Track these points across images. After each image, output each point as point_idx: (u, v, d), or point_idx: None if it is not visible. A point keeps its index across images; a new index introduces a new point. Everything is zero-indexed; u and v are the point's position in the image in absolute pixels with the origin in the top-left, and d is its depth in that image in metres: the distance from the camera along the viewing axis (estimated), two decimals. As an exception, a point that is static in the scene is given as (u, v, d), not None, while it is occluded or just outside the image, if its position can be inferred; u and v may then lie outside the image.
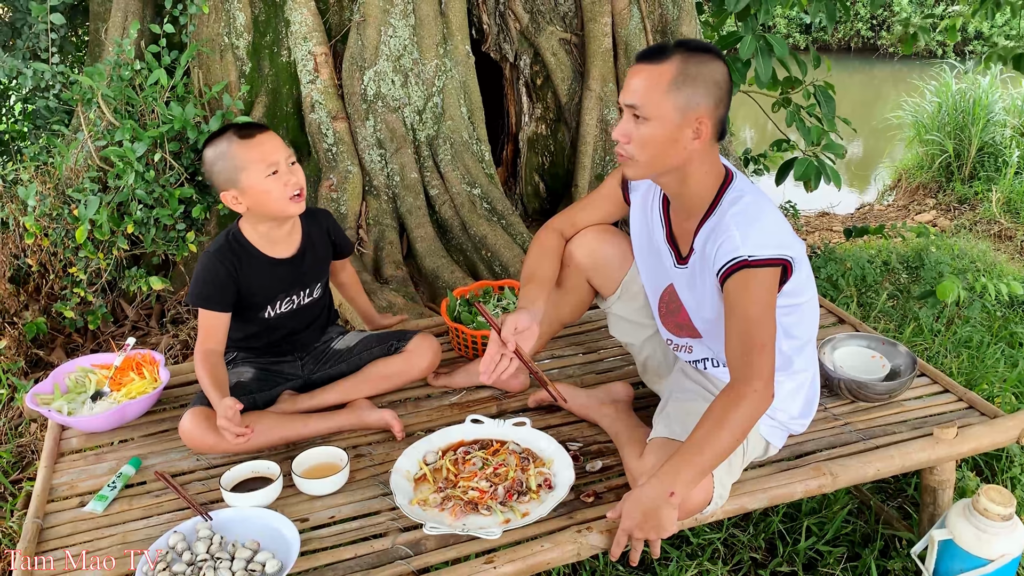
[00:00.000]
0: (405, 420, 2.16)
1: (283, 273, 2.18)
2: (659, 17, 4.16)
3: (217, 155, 2.02)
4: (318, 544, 1.75)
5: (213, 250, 2.11)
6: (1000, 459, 2.50)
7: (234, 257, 2.11)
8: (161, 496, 1.92)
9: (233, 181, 2.02)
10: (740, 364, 1.71)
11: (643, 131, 1.72)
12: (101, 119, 3.39)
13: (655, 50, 1.73)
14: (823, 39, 12.93)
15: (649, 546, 1.69)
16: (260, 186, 2.02)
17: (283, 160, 2.04)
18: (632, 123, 1.73)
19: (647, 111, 1.70)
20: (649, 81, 1.69)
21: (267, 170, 2.01)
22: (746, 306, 1.71)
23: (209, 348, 2.08)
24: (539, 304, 1.97)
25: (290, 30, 3.67)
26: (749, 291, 1.71)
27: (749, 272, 1.70)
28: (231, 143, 2.01)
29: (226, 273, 2.09)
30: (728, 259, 1.72)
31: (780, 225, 1.77)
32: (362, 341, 2.33)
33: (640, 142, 1.73)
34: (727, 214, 1.76)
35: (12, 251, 3.28)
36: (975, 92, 6.28)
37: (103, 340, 3.32)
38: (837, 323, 2.62)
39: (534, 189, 4.35)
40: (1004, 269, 4.23)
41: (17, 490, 2.60)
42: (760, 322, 1.71)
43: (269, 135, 2.05)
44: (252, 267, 2.13)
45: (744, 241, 1.71)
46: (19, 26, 3.93)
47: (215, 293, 2.08)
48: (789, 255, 1.73)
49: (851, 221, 5.85)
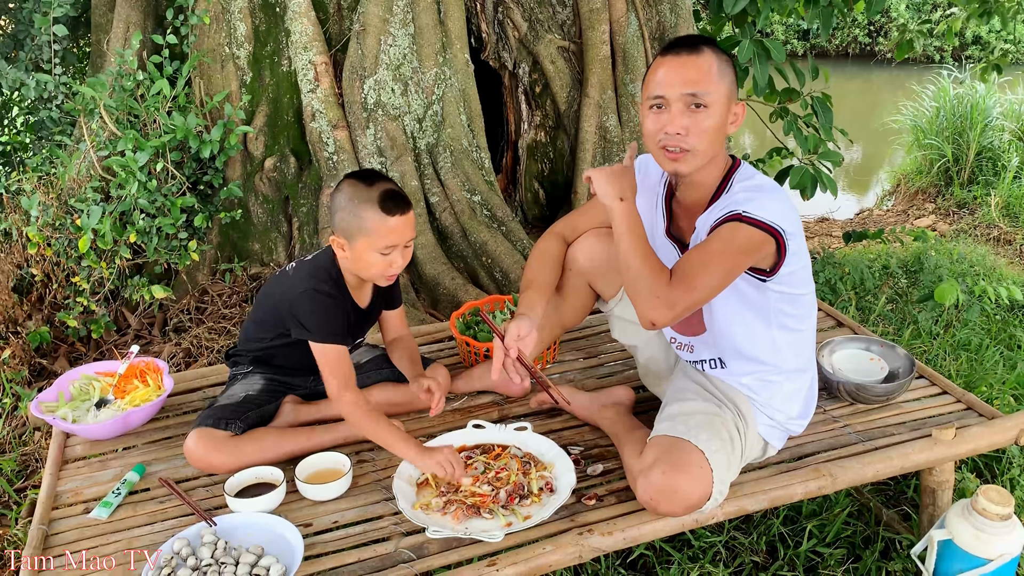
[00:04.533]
0: (408, 426, 2.17)
1: (357, 321, 2.21)
2: (657, 24, 4.19)
3: (350, 204, 1.97)
4: (322, 549, 1.76)
5: (327, 291, 2.06)
6: (1000, 461, 2.51)
7: (342, 299, 2.11)
8: (165, 502, 1.93)
9: (349, 236, 1.99)
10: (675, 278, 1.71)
11: (704, 120, 1.74)
12: (103, 129, 3.42)
13: (689, 41, 1.76)
14: (821, 45, 12.98)
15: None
16: (368, 258, 2.00)
17: (401, 245, 2.02)
18: (689, 114, 1.74)
19: (709, 98, 1.73)
20: (702, 69, 1.73)
21: (385, 249, 1.99)
22: (714, 249, 1.72)
23: (355, 384, 2.04)
24: (538, 310, 2.00)
25: (290, 40, 3.70)
26: (727, 239, 1.72)
27: (736, 224, 1.72)
28: (370, 206, 1.95)
29: (340, 313, 2.08)
30: (726, 212, 1.74)
31: (786, 203, 1.78)
32: (374, 359, 2.33)
33: (701, 131, 1.75)
34: (734, 190, 1.80)
35: (15, 261, 3.30)
36: (973, 97, 6.31)
37: (106, 349, 3.34)
38: (836, 326, 2.63)
39: (534, 196, 4.38)
40: (1003, 273, 4.24)
41: (22, 498, 2.62)
42: (713, 267, 1.70)
43: (407, 219, 2.00)
44: (349, 312, 2.14)
45: (747, 202, 1.73)
46: (22, 38, 3.96)
47: (338, 330, 2.05)
48: (783, 227, 1.73)
49: (851, 226, 5.87)
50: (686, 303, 1.70)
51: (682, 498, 1.72)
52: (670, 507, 1.73)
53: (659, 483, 1.72)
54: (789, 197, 1.83)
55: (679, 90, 1.73)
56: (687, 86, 1.73)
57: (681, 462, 1.74)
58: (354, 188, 1.98)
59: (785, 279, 1.82)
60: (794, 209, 1.80)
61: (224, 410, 2.06)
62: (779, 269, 1.79)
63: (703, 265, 1.71)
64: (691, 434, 1.79)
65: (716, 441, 1.79)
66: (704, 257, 1.72)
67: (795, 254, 1.79)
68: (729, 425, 1.86)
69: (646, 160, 2.05)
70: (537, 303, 2.02)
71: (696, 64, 1.73)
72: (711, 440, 1.79)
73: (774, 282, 1.82)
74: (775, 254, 1.76)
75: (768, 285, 1.83)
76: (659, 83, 1.76)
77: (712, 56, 1.75)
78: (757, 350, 1.92)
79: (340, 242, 2.02)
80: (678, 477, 1.72)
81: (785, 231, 1.74)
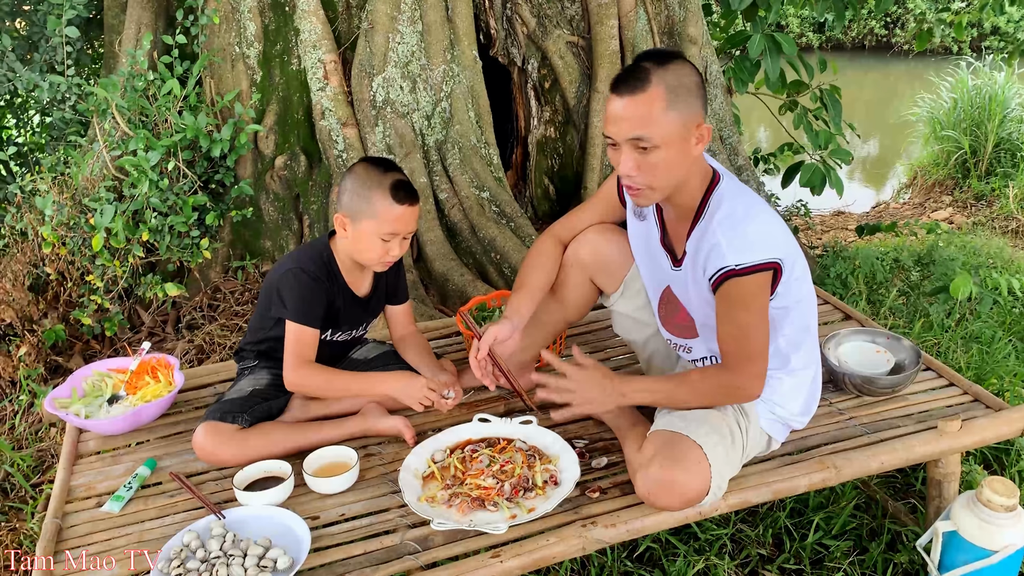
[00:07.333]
0: (414, 420, 2.18)
1: (355, 309, 2.24)
2: (666, 19, 4.18)
3: (362, 186, 2.03)
4: (329, 541, 1.78)
5: (313, 272, 2.11)
6: (1008, 453, 2.49)
7: (328, 283, 2.14)
8: (176, 496, 1.96)
9: (354, 216, 2.05)
10: (734, 363, 1.76)
11: (653, 158, 1.70)
12: (116, 129, 3.46)
13: (631, 79, 1.69)
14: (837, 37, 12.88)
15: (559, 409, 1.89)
16: (368, 241, 2.06)
17: (401, 235, 2.07)
18: (637, 154, 1.71)
19: (654, 139, 1.68)
20: (643, 110, 1.67)
21: (387, 235, 2.05)
22: (736, 314, 1.74)
23: (307, 362, 2.10)
24: (523, 313, 2.06)
25: (300, 39, 3.72)
26: (738, 300, 1.73)
27: (736, 281, 1.72)
28: (381, 191, 2.01)
29: (323, 296, 2.12)
30: (716, 269, 1.74)
31: (767, 226, 1.76)
32: (381, 355, 2.35)
33: (652, 170, 1.71)
34: (713, 219, 1.77)
35: (31, 260, 3.35)
36: (991, 88, 6.24)
37: (120, 346, 3.38)
38: (843, 319, 2.62)
39: (544, 192, 4.38)
40: (1021, 265, 4.21)
41: (38, 493, 2.66)
42: (752, 328, 1.75)
43: (414, 211, 2.06)
44: (336, 297, 2.17)
45: (729, 249, 1.71)
46: (36, 40, 4.01)
47: (315, 312, 2.10)
48: (776, 257, 1.73)
49: (867, 219, 5.84)
50: (761, 370, 1.80)
51: (680, 492, 1.73)
52: (668, 501, 1.74)
53: (657, 477, 1.73)
54: (766, 212, 1.79)
55: (624, 133, 1.70)
56: (631, 130, 1.68)
57: (679, 456, 1.74)
58: (368, 172, 2.04)
59: (781, 295, 1.81)
60: (776, 224, 1.78)
61: (231, 404, 2.09)
62: (775, 288, 1.79)
63: (741, 333, 1.76)
64: (690, 429, 1.80)
65: (715, 436, 1.80)
66: (734, 327, 1.76)
67: (790, 270, 1.79)
68: (729, 420, 1.87)
69: None
70: (523, 307, 2.06)
71: (637, 105, 1.67)
72: (710, 435, 1.79)
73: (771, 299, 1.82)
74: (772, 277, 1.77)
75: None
76: (607, 122, 1.73)
77: (658, 90, 1.66)
78: None
79: (344, 220, 2.07)
80: (676, 471, 1.73)
81: (782, 260, 1.74)
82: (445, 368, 2.29)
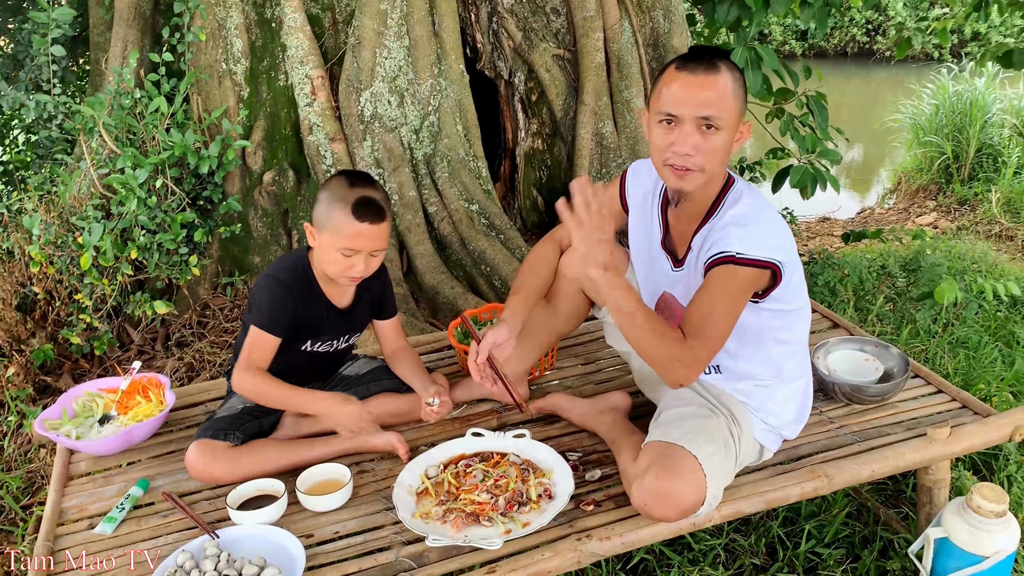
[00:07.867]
0: (407, 435, 2.18)
1: (335, 320, 2.22)
2: (650, 31, 4.21)
3: (329, 198, 2.02)
4: (323, 559, 1.78)
5: (285, 280, 2.10)
6: (997, 458, 2.51)
7: (302, 292, 2.13)
8: (169, 516, 1.95)
9: (319, 227, 2.04)
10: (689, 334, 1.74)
11: (715, 141, 1.73)
12: (103, 147, 3.45)
13: (707, 57, 1.72)
14: (819, 45, 12.99)
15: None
16: (329, 253, 2.04)
17: (365, 252, 2.04)
18: (700, 135, 1.72)
19: (723, 121, 1.71)
20: (719, 91, 1.70)
21: (346, 251, 2.03)
22: (715, 296, 1.74)
23: (257, 367, 2.08)
24: (520, 317, 2.05)
25: (287, 54, 3.73)
26: (725, 283, 1.74)
27: (731, 268, 1.73)
28: (342, 205, 1.99)
29: (293, 305, 2.10)
30: (718, 251, 1.75)
31: (777, 229, 1.79)
32: (372, 371, 2.35)
33: (710, 152, 1.74)
34: (727, 215, 1.80)
35: (18, 279, 3.33)
36: (972, 94, 6.31)
37: (109, 365, 3.36)
38: (831, 327, 2.64)
39: (532, 203, 4.40)
40: (1005, 269, 4.25)
41: (28, 515, 2.64)
42: (722, 314, 1.74)
43: (376, 229, 2.02)
44: (313, 307, 2.16)
45: (737, 239, 1.74)
46: (21, 58, 4.00)
47: (279, 320, 2.08)
48: (779, 259, 1.75)
49: (852, 225, 5.88)
50: (706, 356, 1.74)
51: (676, 503, 1.73)
52: (664, 512, 1.74)
53: (653, 488, 1.73)
54: (778, 216, 1.83)
55: (693, 111, 1.71)
56: (702, 108, 1.70)
57: (675, 467, 1.75)
58: (338, 185, 2.04)
59: (778, 298, 1.83)
60: (785, 229, 1.81)
61: (222, 421, 2.09)
62: (772, 292, 1.81)
63: (711, 314, 1.73)
64: (685, 439, 1.80)
65: (710, 446, 1.81)
66: (709, 306, 1.74)
67: (789, 276, 1.81)
68: (723, 430, 1.88)
69: (638, 167, 2.07)
70: (520, 311, 2.07)
71: (713, 85, 1.70)
72: (705, 445, 1.80)
73: (767, 302, 1.84)
74: (770, 280, 1.79)
75: (761, 305, 1.85)
76: (672, 100, 1.73)
77: (728, 76, 1.72)
78: (750, 361, 1.94)
79: (311, 229, 2.08)
80: (672, 482, 1.73)
81: (783, 263, 1.76)
82: (436, 382, 2.29)
